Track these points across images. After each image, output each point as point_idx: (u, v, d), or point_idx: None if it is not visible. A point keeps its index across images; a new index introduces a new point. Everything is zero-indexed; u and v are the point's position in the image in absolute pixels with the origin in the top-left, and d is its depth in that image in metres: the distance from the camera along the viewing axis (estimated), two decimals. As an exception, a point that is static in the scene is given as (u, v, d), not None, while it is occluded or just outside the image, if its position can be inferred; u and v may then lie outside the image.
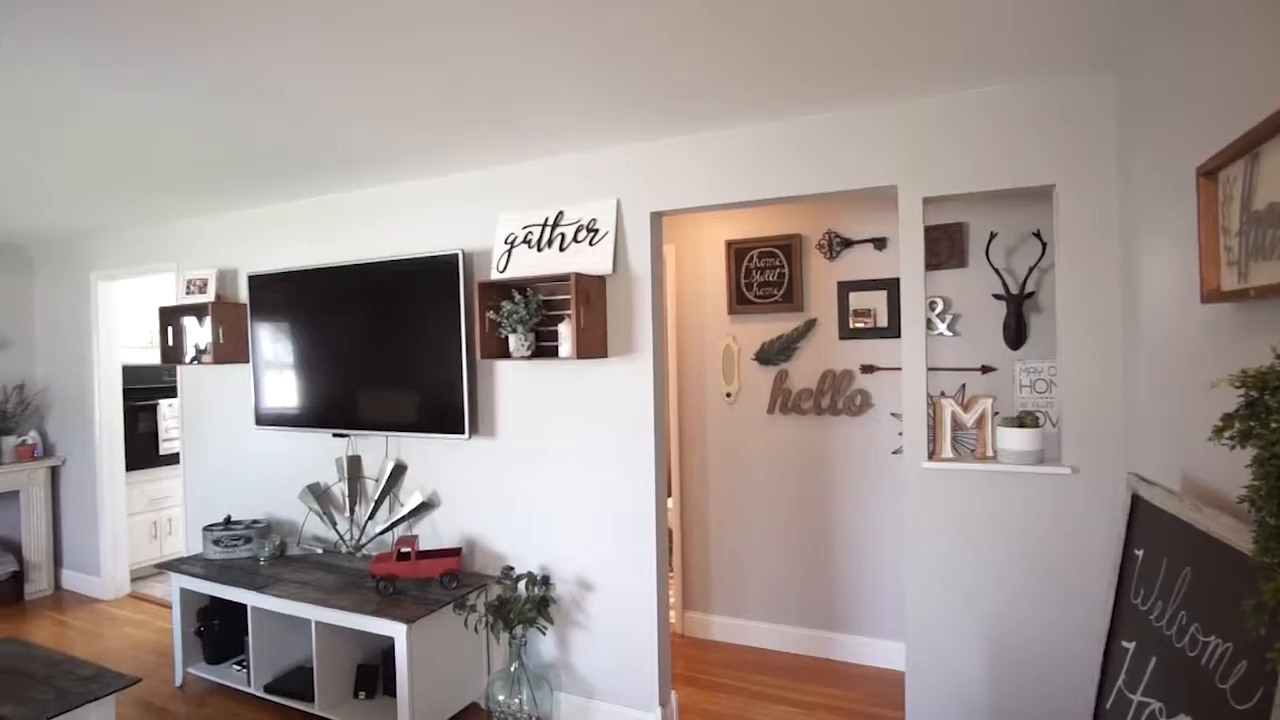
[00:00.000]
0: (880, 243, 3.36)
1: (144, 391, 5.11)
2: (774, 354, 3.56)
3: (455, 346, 3.07)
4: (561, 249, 2.92)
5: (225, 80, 2.10)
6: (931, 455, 2.43)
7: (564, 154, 2.94)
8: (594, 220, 2.88)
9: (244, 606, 3.23)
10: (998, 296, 3.08)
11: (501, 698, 2.84)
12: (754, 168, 2.61)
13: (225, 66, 1.99)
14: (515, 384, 3.09)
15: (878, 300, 3.38)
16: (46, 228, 4.38)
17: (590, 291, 2.78)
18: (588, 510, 2.93)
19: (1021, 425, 2.31)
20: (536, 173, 3.03)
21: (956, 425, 2.43)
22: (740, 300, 3.64)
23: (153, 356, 5.06)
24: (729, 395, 3.68)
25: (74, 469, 4.82)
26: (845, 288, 3.43)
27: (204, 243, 4.07)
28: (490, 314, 2.88)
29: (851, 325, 3.42)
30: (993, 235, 3.08)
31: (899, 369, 3.27)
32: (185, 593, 3.39)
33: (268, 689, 3.17)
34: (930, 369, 2.49)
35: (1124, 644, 1.63)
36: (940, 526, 2.40)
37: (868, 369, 3.39)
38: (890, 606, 3.36)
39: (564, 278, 2.76)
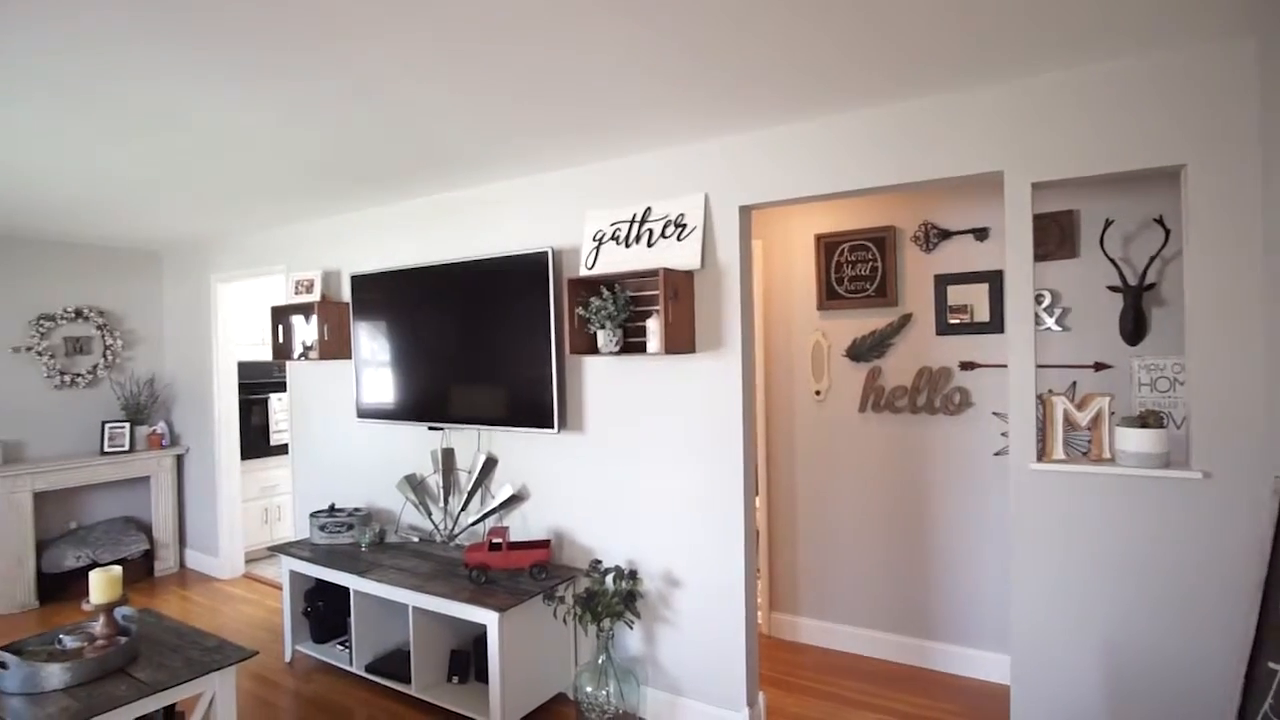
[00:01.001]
0: (981, 233, 3.19)
1: (256, 386, 5.46)
2: (866, 350, 3.45)
3: (545, 342, 3.12)
4: (649, 245, 2.92)
5: (335, 91, 2.20)
6: (1041, 456, 2.29)
7: (651, 150, 2.94)
8: (682, 215, 2.87)
9: (347, 590, 3.39)
10: (1113, 289, 2.87)
11: (589, 689, 2.87)
12: (848, 157, 2.53)
13: (335, 78, 2.09)
14: (603, 379, 3.11)
15: (978, 294, 3.21)
16: (174, 235, 4.74)
17: (678, 287, 2.77)
18: (675, 506, 2.92)
19: (1144, 425, 2.14)
20: (624, 169, 3.04)
21: (1069, 425, 2.28)
22: (830, 295, 3.54)
23: (264, 353, 5.42)
24: (818, 393, 3.59)
25: (196, 457, 5.20)
26: (943, 281, 3.28)
27: (310, 245, 4.31)
28: (579, 310, 2.91)
29: (950, 320, 3.26)
30: (1108, 223, 2.87)
31: (1002, 366, 3.11)
32: (294, 575, 3.60)
33: (368, 669, 3.32)
34: (1038, 366, 2.34)
35: (1271, 666, 1.49)
36: (1049, 532, 2.26)
37: (967, 366, 3.23)
38: (992, 616, 3.20)
39: (652, 273, 2.76)
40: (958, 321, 3.25)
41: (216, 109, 2.36)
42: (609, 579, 2.96)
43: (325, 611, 3.59)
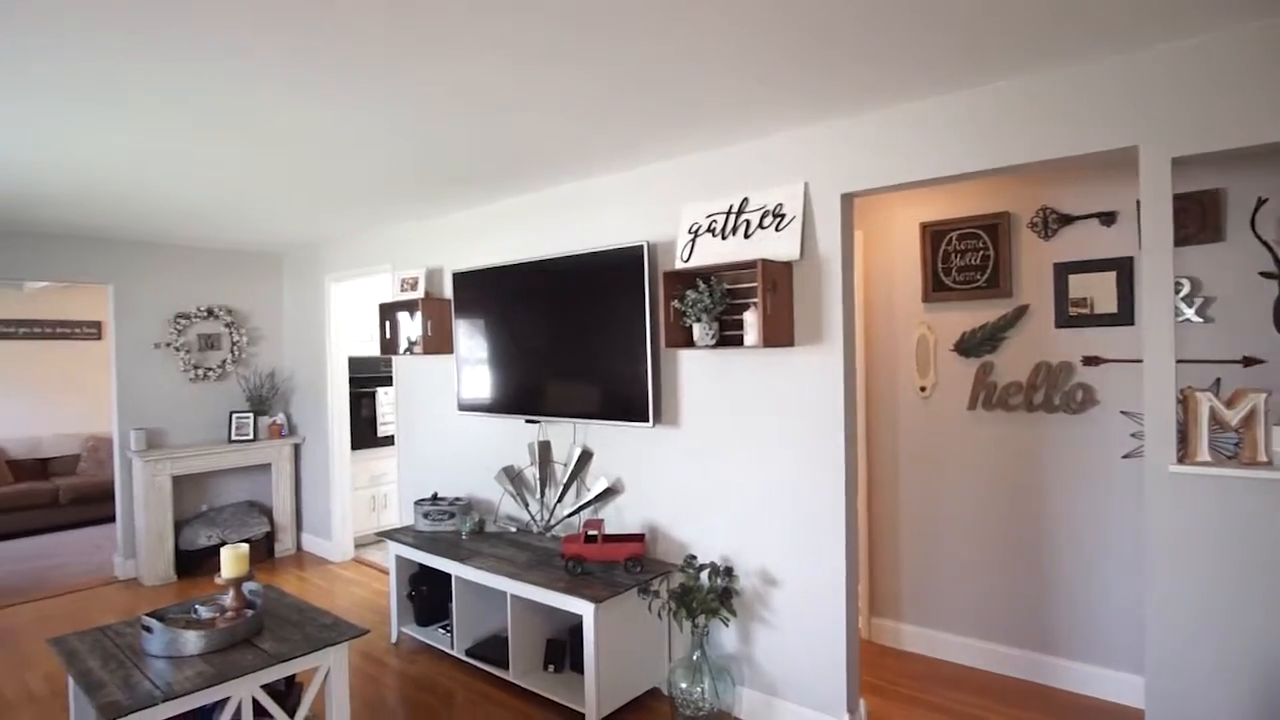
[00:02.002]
0: (1108, 217, 2.95)
1: (365, 380, 5.75)
2: (976, 344, 3.26)
3: (640, 336, 3.13)
4: (746, 236, 2.87)
5: (438, 95, 2.27)
6: (1182, 458, 2.08)
7: (748, 140, 2.89)
8: (780, 205, 2.80)
9: (448, 575, 3.51)
10: (1266, 275, 2.59)
11: (684, 685, 2.85)
12: (959, 140, 2.39)
13: (439, 82, 2.16)
14: (699, 373, 3.08)
15: (1104, 283, 2.98)
16: (293, 238, 5.06)
17: (776, 278, 2.71)
18: (773, 504, 2.86)
19: (1308, 425, 1.92)
20: (720, 160, 3.00)
21: (1215, 424, 2.07)
22: (937, 287, 3.37)
23: (372, 349, 5.70)
24: (923, 389, 3.43)
25: (311, 446, 5.53)
26: (1063, 270, 3.06)
27: (414, 245, 4.49)
28: (674, 303, 2.89)
29: (1071, 312, 3.04)
30: (1261, 201, 2.59)
31: (1132, 361, 2.87)
32: (400, 560, 3.76)
33: (468, 653, 3.43)
34: (1177, 361, 2.13)
35: None
36: (1193, 541, 2.06)
37: (1091, 361, 3.00)
38: (1119, 631, 2.96)
39: (749, 265, 2.71)
40: (1080, 313, 3.02)
41: (331, 118, 2.48)
42: (704, 575, 2.93)
43: (428, 596, 3.73)
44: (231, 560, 2.47)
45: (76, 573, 5.21)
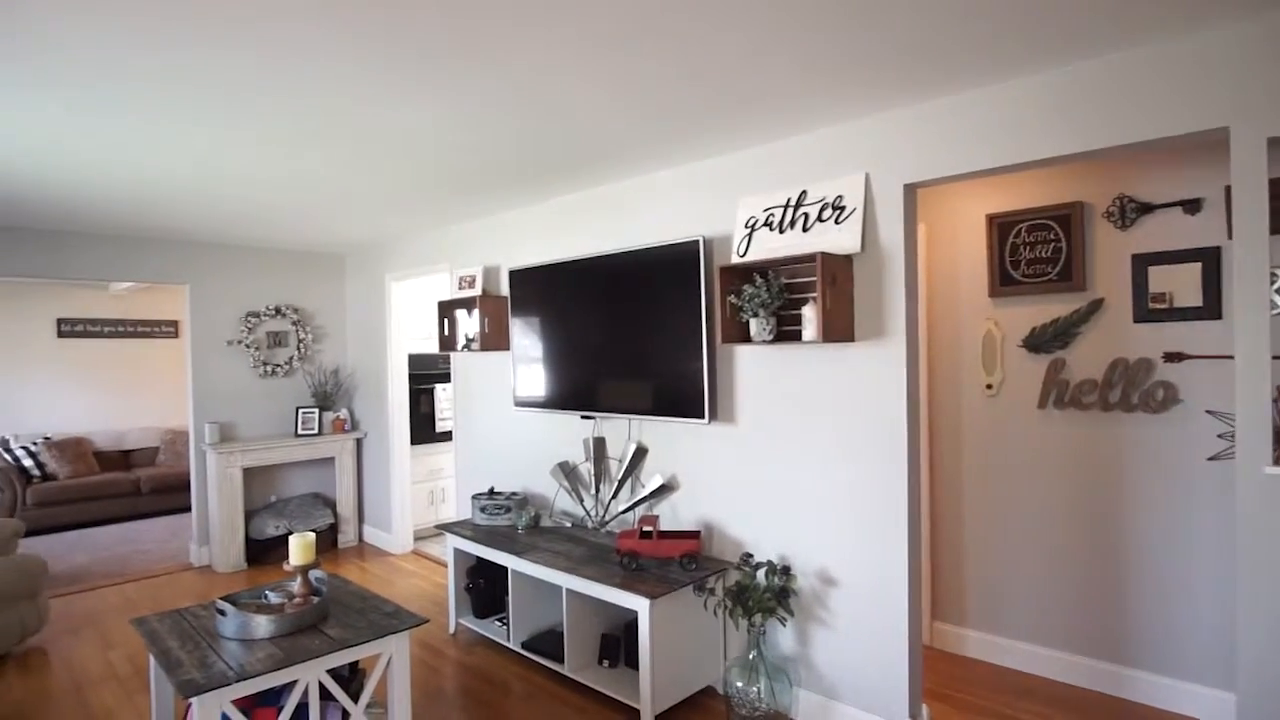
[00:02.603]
0: (1193, 205, 2.79)
1: (424, 377, 5.88)
2: (1047, 340, 3.13)
3: (696, 331, 3.10)
4: (805, 229, 2.81)
5: (498, 92, 2.29)
6: (1278, 460, 1.95)
7: (807, 131, 2.83)
8: (840, 197, 2.73)
9: (505, 569, 3.55)
10: (1373, 265, 2.40)
11: (740, 684, 2.81)
12: (1031, 125, 2.29)
13: (499, 79, 2.18)
14: (756, 369, 3.04)
15: (1188, 275, 2.82)
16: (355, 238, 5.20)
17: (836, 272, 2.65)
18: (832, 503, 2.80)
19: None
20: (777, 153, 2.95)
21: (1316, 424, 1.93)
22: (1005, 281, 3.25)
23: (431, 346, 5.83)
24: (990, 387, 3.31)
25: (373, 441, 5.68)
26: (1142, 261, 2.90)
27: (472, 243, 4.56)
28: (731, 298, 2.86)
29: (1150, 306, 2.89)
30: (1366, 186, 2.41)
31: (1219, 357, 2.71)
32: (458, 552, 3.82)
33: (524, 645, 3.46)
34: (1274, 357, 2.00)
35: None
36: (1291, 549, 1.92)
37: (1173, 357, 2.84)
38: (1205, 643, 2.79)
39: (808, 258, 2.66)
40: (1160, 307, 2.87)
41: (395, 117, 2.53)
42: (760, 574, 2.89)
43: (485, 588, 3.79)
44: (299, 548, 2.54)
45: (155, 559, 5.47)
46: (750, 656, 2.83)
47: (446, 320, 4.45)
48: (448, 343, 4.45)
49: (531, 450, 4.14)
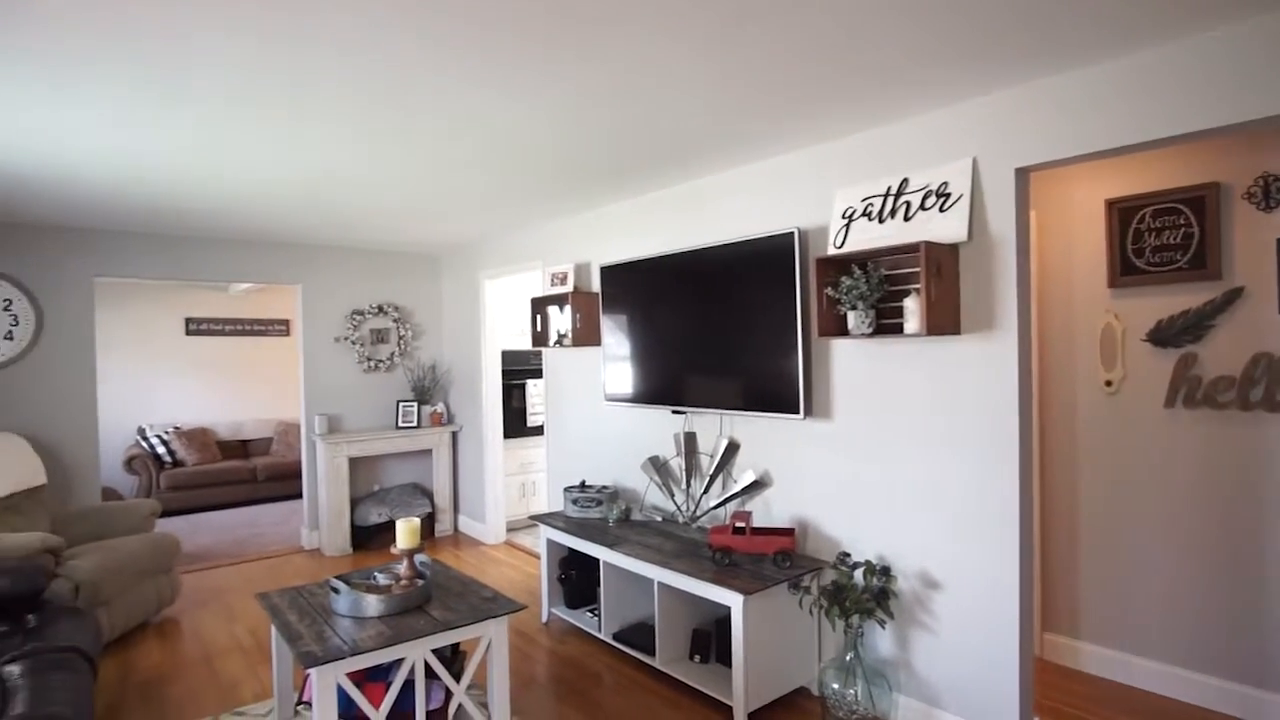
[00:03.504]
0: (1352, 184, 2.52)
1: (516, 373, 6.04)
2: (1176, 333, 2.90)
3: (790, 325, 3.05)
4: (906, 218, 2.71)
5: (594, 88, 2.32)
6: None
7: (908, 117, 2.73)
8: (945, 184, 2.62)
9: (596, 560, 3.60)
10: None
11: (835, 686, 2.74)
12: (1163, 99, 2.12)
13: (596, 75, 2.20)
14: (853, 364, 2.96)
15: (1345, 261, 2.55)
16: (450, 239, 5.40)
17: (941, 262, 2.54)
18: (934, 503, 2.69)
19: None
20: (875, 141, 2.86)
21: None
22: (1126, 270, 3.03)
23: (524, 342, 5.98)
24: (1109, 384, 3.09)
25: (467, 434, 5.88)
26: (1290, 247, 2.65)
27: (564, 241, 4.64)
28: (828, 291, 2.79)
29: (1300, 295, 2.63)
30: None
31: (1385, 351, 2.44)
32: (551, 543, 3.90)
33: (615, 636, 3.50)
34: None
35: None
36: None
37: (1327, 352, 2.58)
38: (1363, 669, 2.52)
39: (911, 248, 2.56)
40: (1312, 297, 2.61)
41: (494, 119, 2.61)
42: (858, 574, 2.81)
43: (577, 579, 3.85)
44: (405, 532, 2.66)
45: (270, 541, 5.86)
46: (847, 658, 2.75)
47: (539, 316, 4.55)
48: (540, 339, 4.55)
49: (621, 444, 4.18)
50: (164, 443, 7.17)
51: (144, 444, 7.15)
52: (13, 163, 3.08)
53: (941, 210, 2.62)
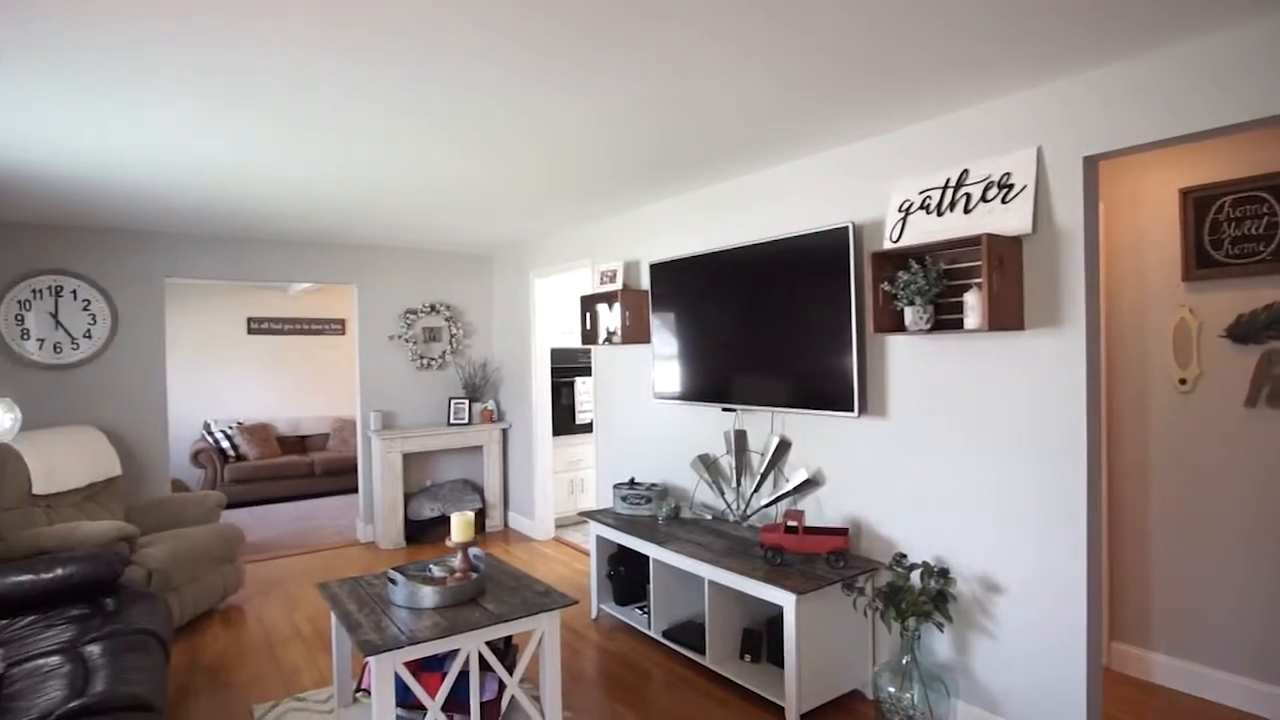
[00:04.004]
0: None
1: (565, 370, 6.08)
2: (1258, 329, 2.75)
3: (844, 321, 2.99)
4: (966, 211, 2.64)
5: (643, 86, 2.31)
6: None
7: (967, 107, 2.65)
8: (1007, 175, 2.54)
9: (645, 557, 3.60)
10: None
11: (891, 689, 2.68)
12: (1241, 81, 2.01)
13: (648, 71, 2.20)
14: (909, 360, 2.89)
15: None
16: (501, 238, 5.47)
17: (1004, 255, 2.46)
18: (995, 504, 2.61)
19: None
20: (933, 131, 2.79)
21: None
22: (1202, 263, 2.89)
23: (571, 341, 6.02)
24: (1183, 382, 2.95)
25: (517, 431, 5.95)
26: (1386, 236, 2.49)
27: (613, 239, 4.66)
28: (884, 286, 2.74)
29: (1398, 288, 2.46)
30: None
31: None
32: (600, 539, 3.92)
33: (664, 634, 3.49)
34: None
35: None
36: None
37: None
38: None
39: (971, 241, 2.49)
40: None
41: (547, 117, 2.62)
42: (915, 575, 2.74)
43: (626, 576, 3.85)
44: (460, 526, 2.70)
45: (327, 534, 6.02)
46: (903, 661, 2.69)
47: (588, 314, 4.57)
48: (590, 336, 4.57)
49: (671, 442, 4.17)
50: (228, 437, 7.45)
51: (209, 438, 7.43)
52: (97, 164, 3.23)
53: (1004, 202, 2.53)
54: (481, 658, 2.47)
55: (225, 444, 7.40)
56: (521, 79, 2.33)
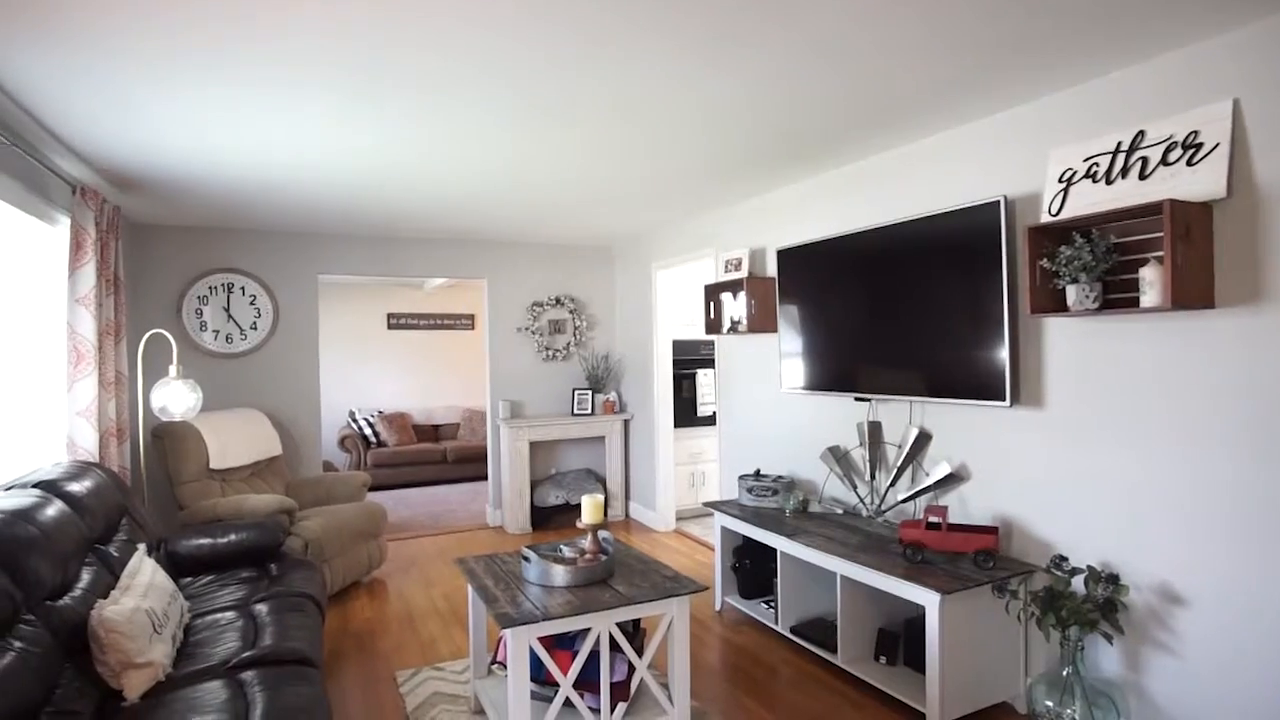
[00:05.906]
0: None
1: (686, 363, 6.06)
2: None
3: (994, 303, 2.78)
4: (1142, 176, 2.36)
5: (793, 52, 2.23)
6: None
7: (1141, 61, 2.37)
8: (1194, 134, 2.25)
9: (771, 551, 3.50)
10: None
11: (1049, 704, 2.45)
12: None
13: (795, 37, 2.11)
14: (1070, 344, 2.63)
15: None
16: (622, 231, 5.52)
17: (1190, 223, 2.18)
18: (1178, 505, 2.32)
19: None
20: (1098, 92, 2.52)
21: None
22: None
23: (692, 333, 5.99)
24: None
25: (639, 423, 5.99)
26: None
27: (737, 226, 4.58)
28: (1042, 263, 2.51)
29: None
30: None
31: None
32: (725, 531, 3.86)
33: (792, 630, 3.38)
34: None
35: None
36: None
37: None
38: None
39: (1149, 209, 2.23)
40: None
41: (686, 93, 2.59)
42: (1077, 580, 2.49)
43: (751, 569, 3.77)
44: (591, 508, 2.73)
45: (459, 518, 6.32)
46: (1064, 674, 2.45)
47: (712, 303, 4.52)
48: (713, 326, 4.52)
49: (797, 434, 4.04)
50: (370, 425, 7.99)
51: (354, 425, 8.00)
52: (260, 165, 3.53)
53: (1190, 164, 2.25)
54: (611, 638, 2.48)
55: (368, 431, 7.94)
56: (668, 51, 2.30)
